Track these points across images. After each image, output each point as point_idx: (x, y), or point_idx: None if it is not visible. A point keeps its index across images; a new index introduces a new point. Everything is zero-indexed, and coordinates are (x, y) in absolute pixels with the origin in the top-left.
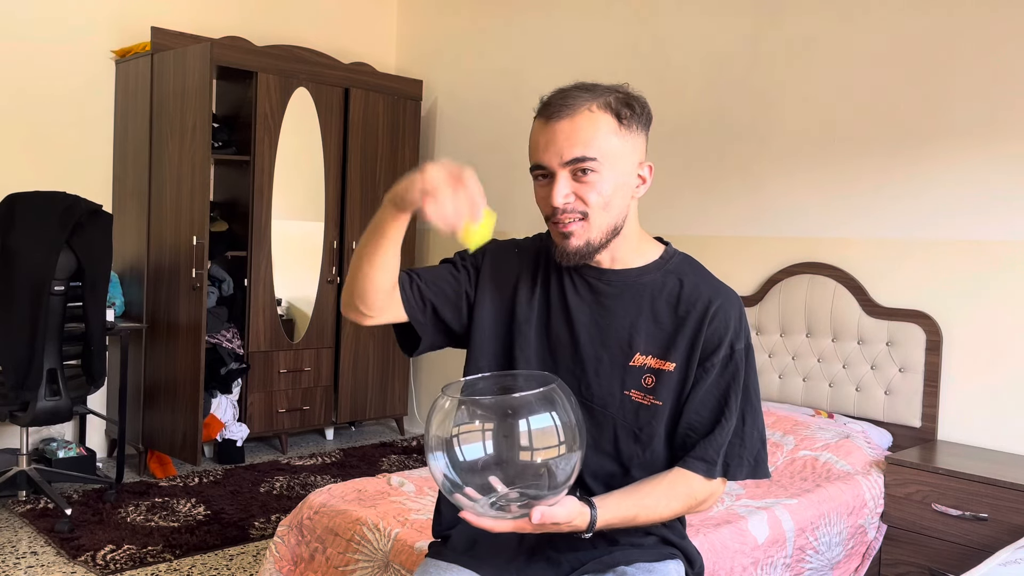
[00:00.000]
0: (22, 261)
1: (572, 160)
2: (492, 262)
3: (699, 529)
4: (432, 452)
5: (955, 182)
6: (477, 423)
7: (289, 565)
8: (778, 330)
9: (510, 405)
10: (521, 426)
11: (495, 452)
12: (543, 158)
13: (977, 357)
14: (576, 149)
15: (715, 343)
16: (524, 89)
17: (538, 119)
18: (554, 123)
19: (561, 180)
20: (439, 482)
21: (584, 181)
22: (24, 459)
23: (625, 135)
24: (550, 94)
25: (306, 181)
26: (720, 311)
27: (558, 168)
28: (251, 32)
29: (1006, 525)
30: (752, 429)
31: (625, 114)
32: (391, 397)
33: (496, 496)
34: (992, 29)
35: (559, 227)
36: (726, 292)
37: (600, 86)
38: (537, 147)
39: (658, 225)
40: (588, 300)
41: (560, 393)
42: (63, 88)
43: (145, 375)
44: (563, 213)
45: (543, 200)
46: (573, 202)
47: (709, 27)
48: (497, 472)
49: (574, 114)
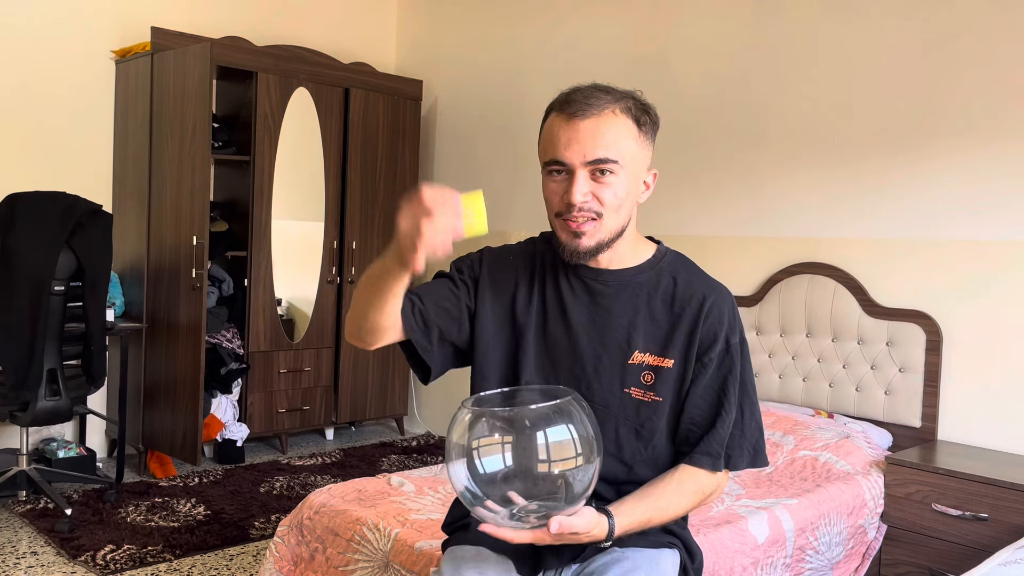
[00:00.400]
0: (22, 261)
1: (595, 160)
2: (489, 271)
3: (699, 529)
4: (452, 464)
5: (955, 182)
6: (496, 435)
7: (289, 565)
8: (778, 330)
9: (528, 417)
10: (539, 438)
11: (514, 464)
12: (565, 155)
13: (977, 357)
14: (600, 150)
15: (711, 339)
16: (524, 89)
17: (558, 115)
18: (578, 120)
19: (581, 178)
20: (459, 493)
21: (602, 182)
22: (24, 459)
23: (641, 141)
24: (568, 90)
25: (306, 181)
26: (714, 307)
27: (579, 166)
28: (251, 32)
29: (1006, 525)
30: (750, 420)
31: (644, 120)
32: (391, 397)
33: (516, 508)
34: (992, 29)
35: (572, 225)
36: (719, 288)
37: (616, 90)
38: (557, 143)
39: (659, 225)
40: (585, 301)
41: (576, 406)
42: (63, 88)
43: (145, 375)
44: (579, 211)
45: (557, 196)
46: (591, 201)
47: (709, 27)
48: (516, 483)
49: (599, 113)
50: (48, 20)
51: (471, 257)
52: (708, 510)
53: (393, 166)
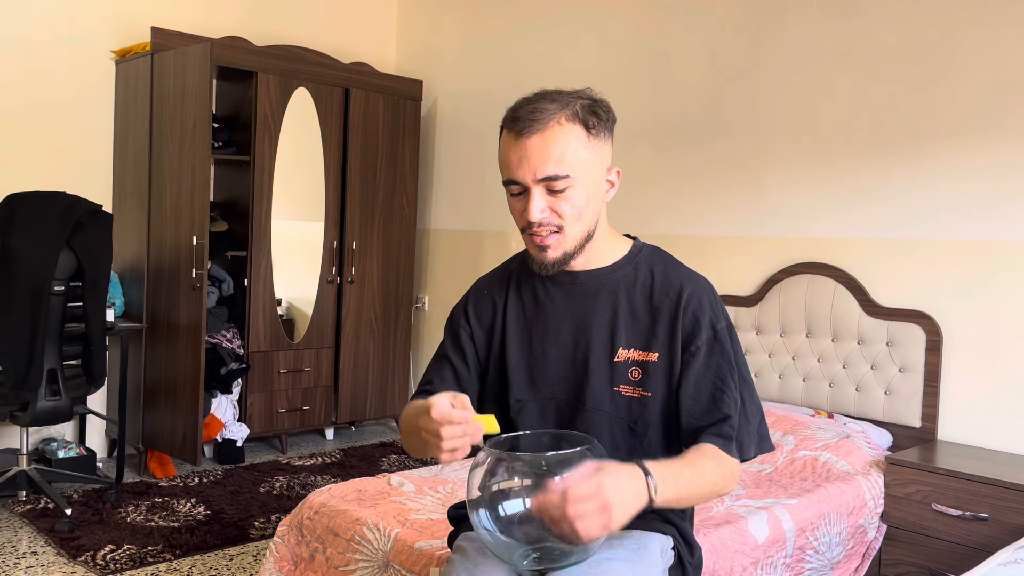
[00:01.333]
0: (22, 261)
1: (546, 178)
2: (474, 312)
3: (699, 529)
4: (474, 509)
5: (955, 182)
6: (516, 479)
7: (289, 565)
8: (778, 330)
9: (546, 463)
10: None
11: (532, 507)
12: (516, 174)
13: (977, 357)
14: (550, 166)
15: (694, 327)
16: (524, 89)
17: (508, 133)
18: (525, 139)
19: (536, 195)
20: (479, 534)
21: (558, 196)
22: (24, 459)
23: (593, 144)
24: (516, 105)
25: (306, 181)
26: (693, 296)
27: (532, 183)
28: (251, 32)
29: (1006, 525)
30: (751, 405)
31: (592, 123)
32: (391, 397)
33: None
34: (992, 29)
35: (535, 240)
36: (696, 278)
37: (564, 93)
38: (509, 163)
39: (659, 225)
40: (565, 306)
41: (592, 453)
42: (63, 88)
43: (145, 375)
44: (540, 226)
45: (518, 213)
46: (549, 215)
47: (709, 27)
48: (534, 524)
49: (544, 128)
50: (48, 20)
51: (457, 311)
52: (708, 510)
53: (393, 166)
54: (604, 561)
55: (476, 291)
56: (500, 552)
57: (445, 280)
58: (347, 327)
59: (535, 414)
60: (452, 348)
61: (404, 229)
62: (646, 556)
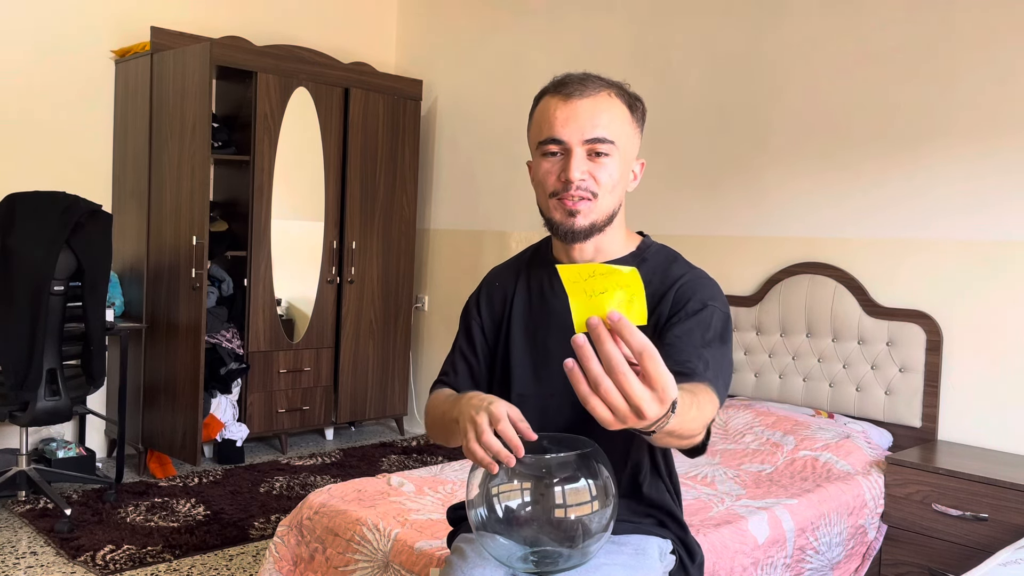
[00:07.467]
0: (22, 261)
1: (593, 139)
2: (487, 305)
3: (699, 529)
4: (472, 510)
5: (955, 182)
6: (515, 482)
7: (289, 565)
8: (778, 330)
9: (545, 465)
10: (556, 485)
11: (532, 509)
12: (562, 133)
13: (977, 357)
14: (599, 129)
15: (684, 299)
16: (524, 89)
17: (553, 96)
18: (576, 100)
19: (578, 156)
20: (477, 536)
21: (598, 162)
22: (24, 459)
23: (633, 126)
24: (561, 76)
25: (306, 181)
26: (689, 281)
27: (576, 144)
28: (251, 32)
29: (1006, 525)
30: (724, 360)
31: (636, 107)
32: (391, 397)
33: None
34: (992, 29)
35: (567, 204)
36: (700, 273)
37: (608, 78)
38: (554, 121)
39: (659, 225)
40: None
41: (592, 457)
42: (63, 88)
43: (145, 375)
44: (576, 189)
45: (552, 175)
46: (588, 180)
47: (709, 27)
48: (533, 527)
49: (596, 94)
50: (48, 20)
51: (471, 302)
52: (708, 509)
53: (393, 166)
54: (602, 566)
55: (489, 282)
56: (498, 554)
57: (445, 280)
58: (347, 327)
59: (536, 410)
60: (465, 340)
61: (404, 229)
62: (645, 560)
